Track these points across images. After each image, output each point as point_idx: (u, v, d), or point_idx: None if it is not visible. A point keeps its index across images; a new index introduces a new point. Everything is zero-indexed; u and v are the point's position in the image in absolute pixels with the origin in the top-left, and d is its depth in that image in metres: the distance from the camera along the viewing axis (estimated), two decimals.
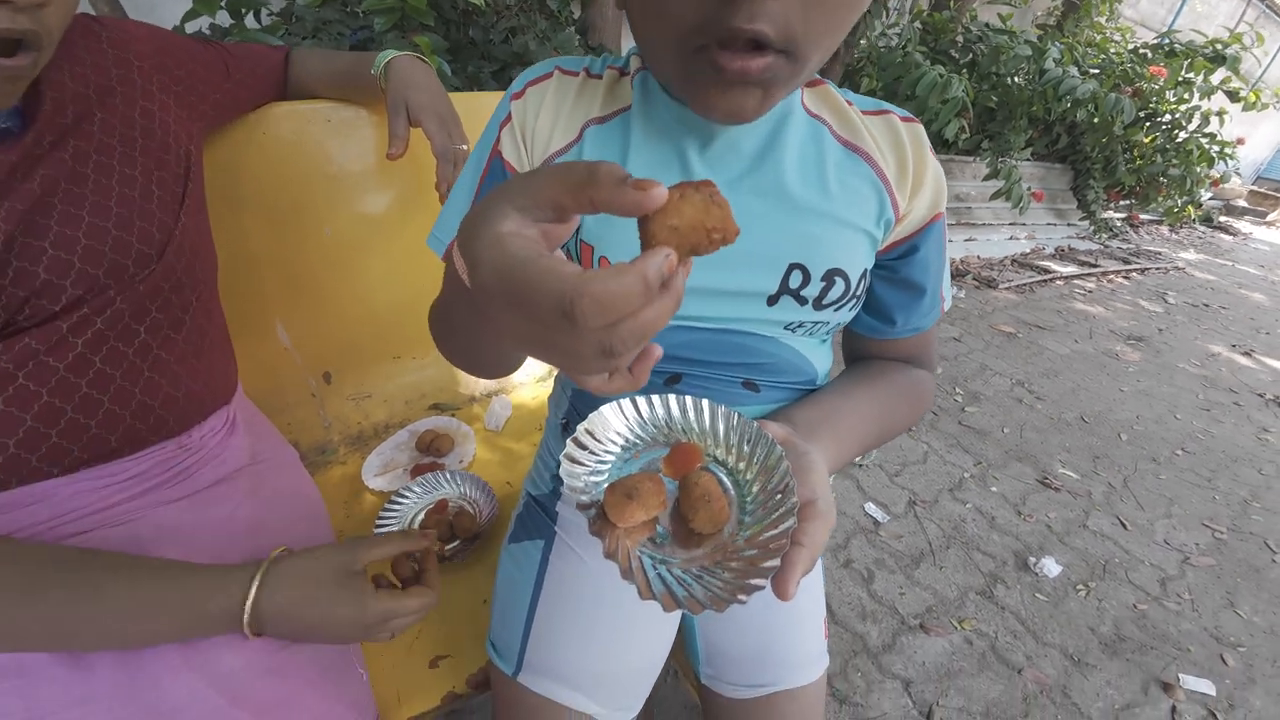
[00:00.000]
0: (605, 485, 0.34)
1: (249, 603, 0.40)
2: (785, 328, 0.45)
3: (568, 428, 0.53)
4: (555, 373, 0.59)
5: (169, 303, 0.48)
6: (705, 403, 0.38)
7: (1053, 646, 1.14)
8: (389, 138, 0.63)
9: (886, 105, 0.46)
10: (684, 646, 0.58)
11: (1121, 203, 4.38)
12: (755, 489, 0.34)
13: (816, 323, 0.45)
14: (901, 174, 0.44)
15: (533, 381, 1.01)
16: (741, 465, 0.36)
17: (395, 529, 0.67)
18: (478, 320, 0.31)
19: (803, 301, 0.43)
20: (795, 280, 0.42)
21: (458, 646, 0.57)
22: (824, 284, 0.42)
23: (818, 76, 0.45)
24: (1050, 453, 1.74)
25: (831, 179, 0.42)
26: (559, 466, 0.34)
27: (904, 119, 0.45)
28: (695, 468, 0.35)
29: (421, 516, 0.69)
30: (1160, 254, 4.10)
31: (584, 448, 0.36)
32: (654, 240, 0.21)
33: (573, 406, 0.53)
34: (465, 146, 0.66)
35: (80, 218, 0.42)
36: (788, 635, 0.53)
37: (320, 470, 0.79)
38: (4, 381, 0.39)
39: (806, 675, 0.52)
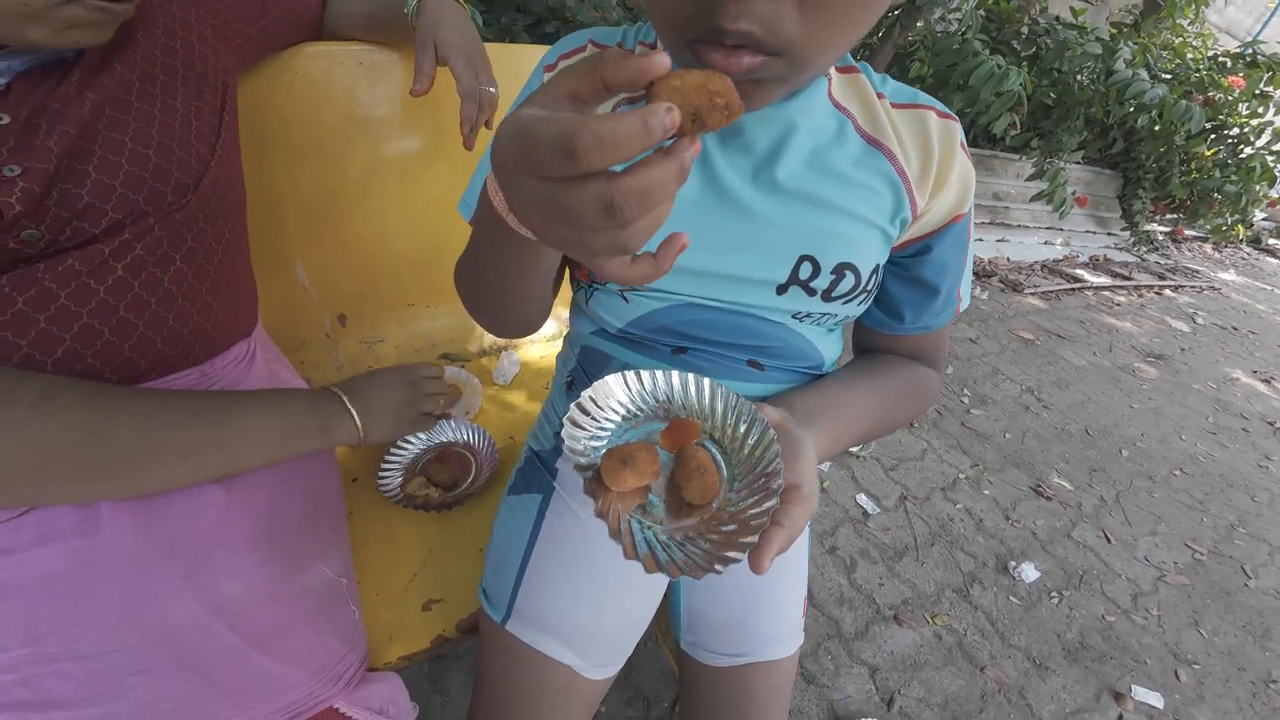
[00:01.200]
0: (604, 450, 0.35)
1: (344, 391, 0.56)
2: (793, 316, 0.45)
3: (572, 386, 0.55)
4: (565, 331, 0.60)
5: (204, 233, 0.49)
6: (706, 381, 0.39)
7: (1017, 648, 1.17)
8: (415, 74, 0.61)
9: (924, 99, 0.44)
10: (667, 612, 0.60)
11: (1168, 216, 4.19)
12: (745, 468, 0.36)
13: (825, 314, 0.45)
14: (924, 173, 0.43)
15: (542, 340, 1.02)
16: (735, 445, 0.37)
17: (398, 471, 0.70)
18: (503, 239, 0.31)
19: (812, 293, 0.43)
20: (805, 272, 0.42)
21: (451, 591, 0.60)
22: (834, 277, 0.43)
23: (851, 62, 0.44)
24: (1048, 462, 1.75)
25: (849, 174, 0.42)
26: (563, 426, 0.36)
27: (941, 114, 0.44)
28: (691, 442, 0.37)
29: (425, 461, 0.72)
30: (1198, 272, 3.95)
31: (586, 413, 0.37)
32: (657, 99, 0.21)
33: (579, 365, 0.54)
34: (493, 89, 0.64)
35: (124, 144, 0.43)
36: (768, 608, 0.55)
37: None
38: (46, 300, 0.40)
39: (782, 649, 0.55)
